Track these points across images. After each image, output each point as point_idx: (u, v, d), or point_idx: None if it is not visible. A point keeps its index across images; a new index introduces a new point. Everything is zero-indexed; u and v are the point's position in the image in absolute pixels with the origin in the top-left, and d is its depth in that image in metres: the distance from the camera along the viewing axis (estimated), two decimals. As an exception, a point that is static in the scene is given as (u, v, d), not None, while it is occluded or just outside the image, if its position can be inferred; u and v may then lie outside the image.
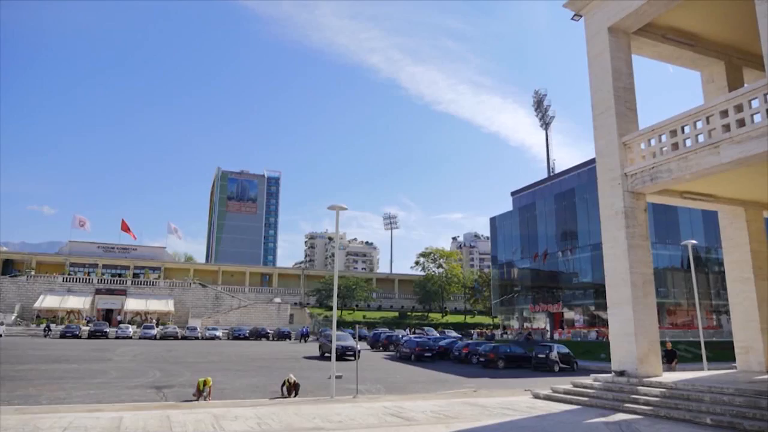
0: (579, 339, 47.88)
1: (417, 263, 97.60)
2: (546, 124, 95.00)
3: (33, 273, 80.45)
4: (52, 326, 61.50)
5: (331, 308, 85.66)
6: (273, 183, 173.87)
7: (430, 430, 12.79)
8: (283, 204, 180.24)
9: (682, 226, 49.80)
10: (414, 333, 62.37)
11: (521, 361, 35.59)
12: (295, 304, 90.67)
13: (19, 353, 35.43)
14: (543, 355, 33.71)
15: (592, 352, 40.72)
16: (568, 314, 55.58)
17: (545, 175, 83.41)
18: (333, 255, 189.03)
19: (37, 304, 72.25)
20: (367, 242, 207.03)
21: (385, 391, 21.37)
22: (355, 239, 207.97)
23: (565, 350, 34.60)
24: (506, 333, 61.74)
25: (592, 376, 18.81)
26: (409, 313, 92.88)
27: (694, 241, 28.13)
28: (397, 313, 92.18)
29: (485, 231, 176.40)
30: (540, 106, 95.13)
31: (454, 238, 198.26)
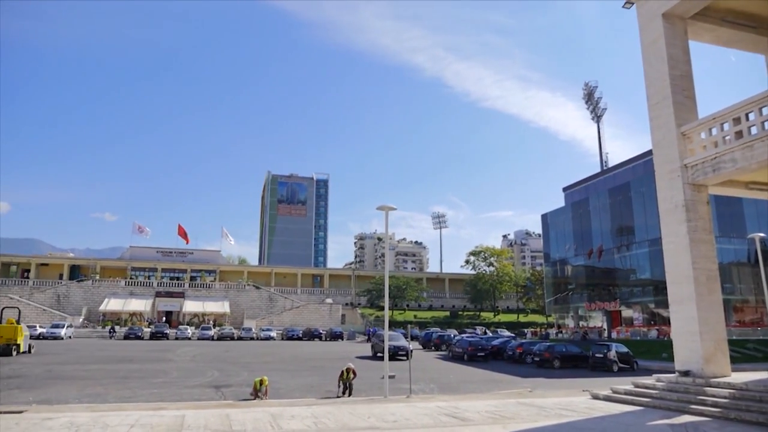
0: (638, 338, 46.22)
1: (467, 262, 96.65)
2: (597, 117, 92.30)
3: (98, 277, 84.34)
4: (117, 328, 64.28)
5: (381, 308, 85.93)
6: (322, 185, 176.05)
7: (486, 430, 12.63)
8: (332, 206, 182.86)
9: (748, 219, 47.29)
10: (485, 333, 62.19)
11: (578, 360, 34.68)
12: (347, 304, 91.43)
13: (87, 354, 37.21)
14: (601, 355, 32.73)
15: (652, 351, 39.26)
16: (626, 312, 53.78)
17: (598, 170, 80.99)
18: (382, 255, 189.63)
19: (102, 307, 75.65)
20: (416, 242, 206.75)
21: (438, 391, 21.26)
22: (404, 239, 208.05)
23: (624, 349, 33.49)
24: (561, 332, 60.28)
25: (655, 376, 18.14)
26: (460, 313, 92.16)
27: (761, 234, 26.68)
28: (448, 313, 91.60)
29: (536, 228, 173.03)
30: (591, 99, 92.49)
31: (504, 236, 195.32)
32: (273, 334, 64.44)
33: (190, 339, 59.79)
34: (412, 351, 26.17)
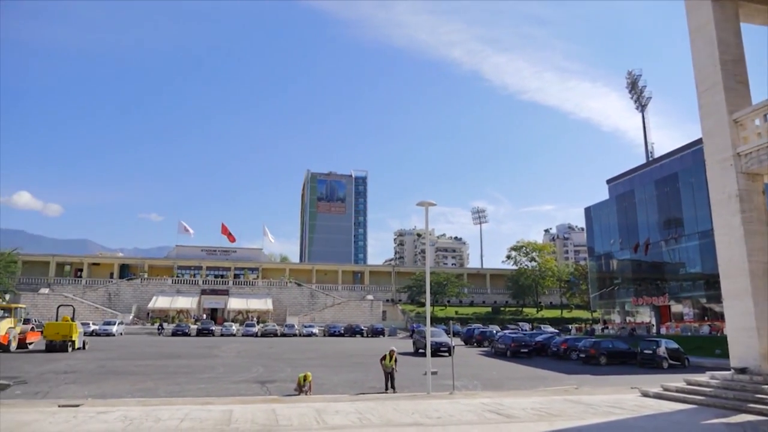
0: (689, 334, 44.72)
1: (508, 257, 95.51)
2: (642, 107, 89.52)
3: (146, 276, 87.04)
4: (165, 325, 66.20)
5: (422, 304, 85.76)
6: (360, 182, 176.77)
7: (532, 428, 12.43)
8: (371, 203, 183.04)
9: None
10: (533, 329, 61.92)
11: (625, 357, 33.86)
12: (387, 300, 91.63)
13: (138, 350, 38.45)
14: (649, 351, 31.83)
15: (704, 347, 37.95)
16: (676, 307, 52.08)
17: (643, 161, 78.60)
18: (422, 251, 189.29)
19: (150, 305, 78.08)
20: (456, 237, 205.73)
21: (482, 388, 21.09)
22: (443, 235, 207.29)
23: (675, 345, 32.47)
24: (607, 328, 58.91)
25: (708, 373, 17.50)
26: (502, 309, 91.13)
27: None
28: (489, 309, 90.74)
29: (579, 222, 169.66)
30: (634, 88, 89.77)
31: (546, 231, 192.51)
32: (315, 330, 65.15)
33: (234, 335, 60.99)
34: (453, 347, 26.01)
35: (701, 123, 17.81)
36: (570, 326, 68.45)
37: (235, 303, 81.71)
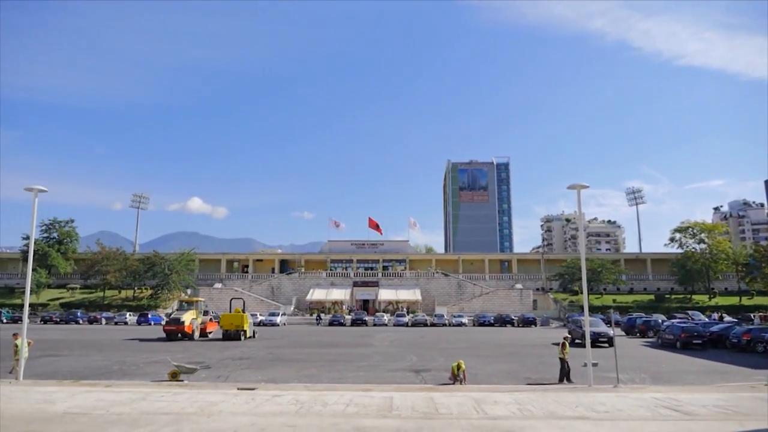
0: None
1: (672, 240, 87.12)
2: (835, 58, 76.33)
3: (303, 270, 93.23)
4: (322, 315, 70.48)
5: (575, 293, 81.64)
6: (502, 169, 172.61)
7: (718, 427, 11.17)
8: (514, 189, 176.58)
9: None
10: (722, 318, 56.77)
11: (827, 350, 29.24)
12: (537, 289, 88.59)
13: (300, 339, 41.32)
14: None
15: None
16: None
17: (839, 121, 67.06)
18: (572, 237, 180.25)
19: (308, 297, 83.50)
20: (609, 221, 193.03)
21: (650, 381, 19.55)
22: (595, 218, 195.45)
23: None
24: (799, 316, 51.42)
25: None
26: (666, 296, 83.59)
27: None
28: (652, 296, 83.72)
29: (756, 197, 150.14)
30: (823, 37, 76.81)
31: (716, 209, 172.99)
32: (464, 320, 65.07)
33: (386, 325, 62.99)
34: (613, 337, 24.38)
35: None
36: (752, 315, 60.82)
37: (385, 294, 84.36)
